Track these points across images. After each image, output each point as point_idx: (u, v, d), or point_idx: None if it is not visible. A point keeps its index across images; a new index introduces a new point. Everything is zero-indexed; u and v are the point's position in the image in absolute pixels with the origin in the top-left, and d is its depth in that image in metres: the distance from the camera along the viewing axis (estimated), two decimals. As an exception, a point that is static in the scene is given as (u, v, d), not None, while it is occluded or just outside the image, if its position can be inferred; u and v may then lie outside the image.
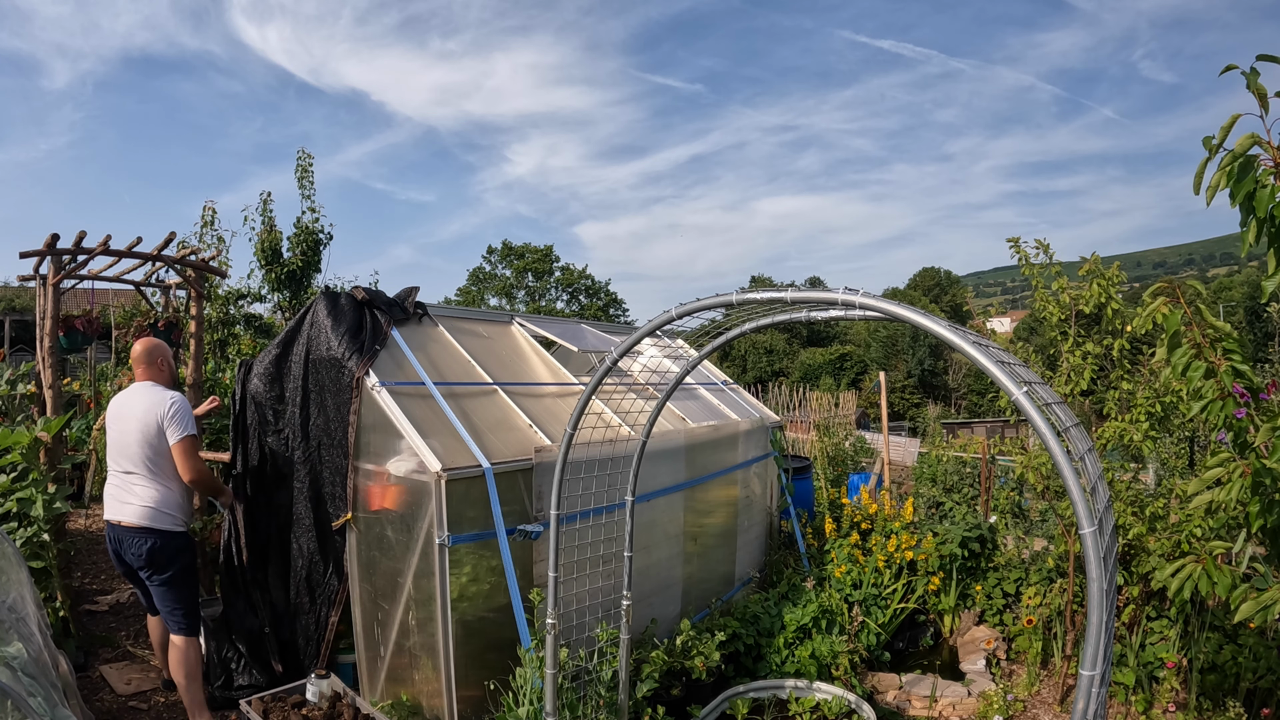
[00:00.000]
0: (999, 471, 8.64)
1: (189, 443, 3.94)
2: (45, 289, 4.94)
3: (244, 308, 9.42)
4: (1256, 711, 4.17)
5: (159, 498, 3.94)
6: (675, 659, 4.22)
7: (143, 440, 3.92)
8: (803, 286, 2.23)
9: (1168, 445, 7.57)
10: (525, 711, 3.30)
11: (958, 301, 61.12)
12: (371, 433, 4.00)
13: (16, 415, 6.22)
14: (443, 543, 3.51)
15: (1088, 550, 1.64)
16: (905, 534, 5.95)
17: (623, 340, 2.77)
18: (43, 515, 4.44)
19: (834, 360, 46.59)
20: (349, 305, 4.39)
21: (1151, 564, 4.33)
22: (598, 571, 3.79)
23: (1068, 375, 4.55)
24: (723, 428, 5.94)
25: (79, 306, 5.57)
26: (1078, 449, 2.02)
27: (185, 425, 3.94)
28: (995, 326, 55.26)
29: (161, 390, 4.05)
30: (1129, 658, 4.53)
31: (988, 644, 5.38)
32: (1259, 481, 2.65)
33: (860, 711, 4.23)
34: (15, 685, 2.49)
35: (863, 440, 12.64)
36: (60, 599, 4.67)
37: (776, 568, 6.56)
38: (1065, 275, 4.72)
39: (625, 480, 3.55)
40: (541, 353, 5.55)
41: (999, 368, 1.77)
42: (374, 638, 4.03)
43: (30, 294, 23.43)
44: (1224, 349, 2.79)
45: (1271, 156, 2.29)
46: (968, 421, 28.09)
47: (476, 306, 39.69)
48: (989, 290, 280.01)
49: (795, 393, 16.04)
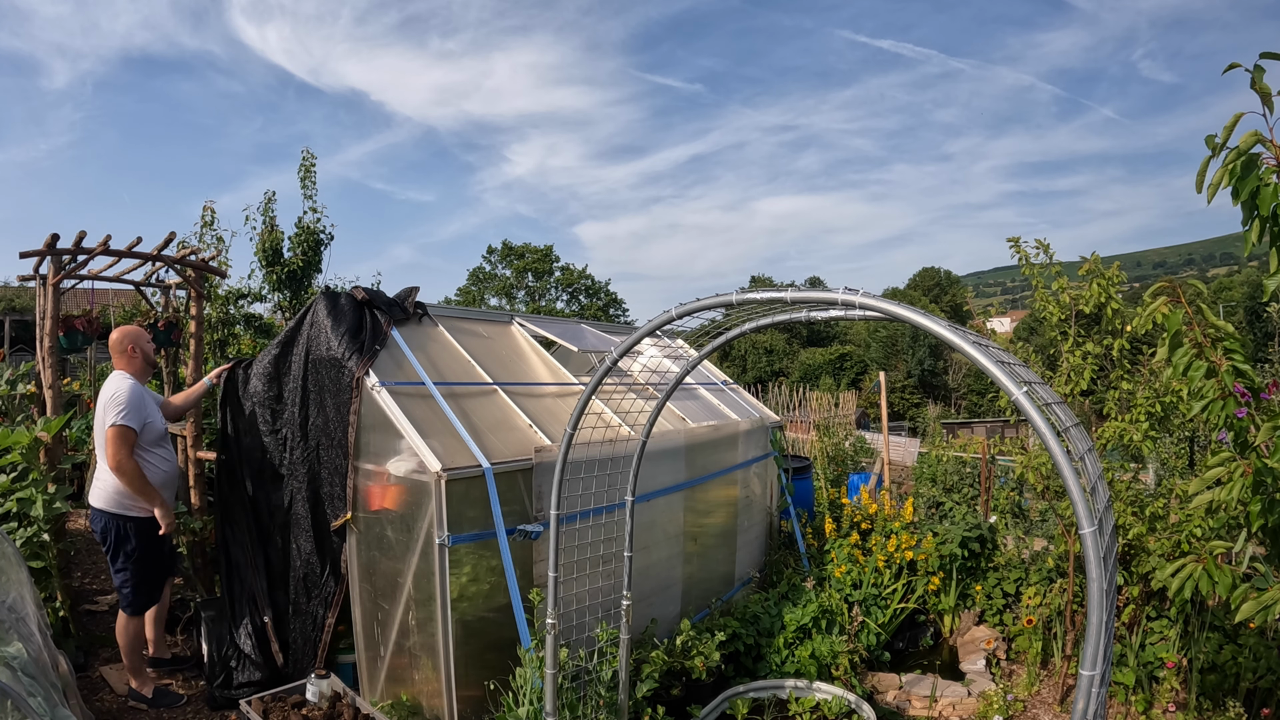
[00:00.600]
0: (999, 471, 8.64)
1: (117, 431, 4.04)
2: (45, 289, 4.93)
3: (244, 308, 9.40)
4: (1256, 711, 4.17)
5: (113, 482, 4.11)
6: (675, 659, 4.21)
7: (100, 426, 4.12)
8: (803, 286, 2.23)
9: (1168, 445, 7.56)
10: (525, 711, 3.29)
11: (958, 301, 61.15)
12: (371, 433, 4.00)
13: (16, 415, 6.22)
14: (443, 543, 3.51)
15: (1088, 550, 1.64)
16: (905, 534, 5.95)
17: (623, 340, 2.77)
18: (43, 515, 4.44)
19: (834, 360, 46.58)
20: (349, 305, 4.39)
21: (1151, 564, 4.33)
22: (598, 571, 3.79)
23: (1068, 375, 4.55)
24: (723, 428, 5.94)
25: (79, 306, 5.56)
26: (1078, 449, 2.01)
27: (121, 414, 4.05)
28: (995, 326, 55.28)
29: (122, 378, 4.21)
30: (1129, 658, 4.53)
31: (988, 644, 5.38)
32: (1260, 481, 2.64)
33: (860, 711, 4.23)
34: (15, 685, 2.49)
35: (863, 440, 12.64)
36: (60, 599, 4.67)
37: (776, 568, 6.55)
38: (1065, 275, 4.71)
39: (625, 480, 3.55)
40: (541, 353, 5.54)
41: (999, 368, 1.76)
42: (374, 638, 4.03)
43: (30, 294, 23.44)
44: (1225, 348, 2.79)
45: (1275, 155, 2.28)
46: (968, 421, 28.09)
47: (476, 306, 39.69)
48: (989, 290, 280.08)
49: (795, 393, 16.04)
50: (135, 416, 4.10)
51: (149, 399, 4.31)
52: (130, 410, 4.08)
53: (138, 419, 4.12)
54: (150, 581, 4.27)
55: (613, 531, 3.79)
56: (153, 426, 4.24)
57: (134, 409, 4.10)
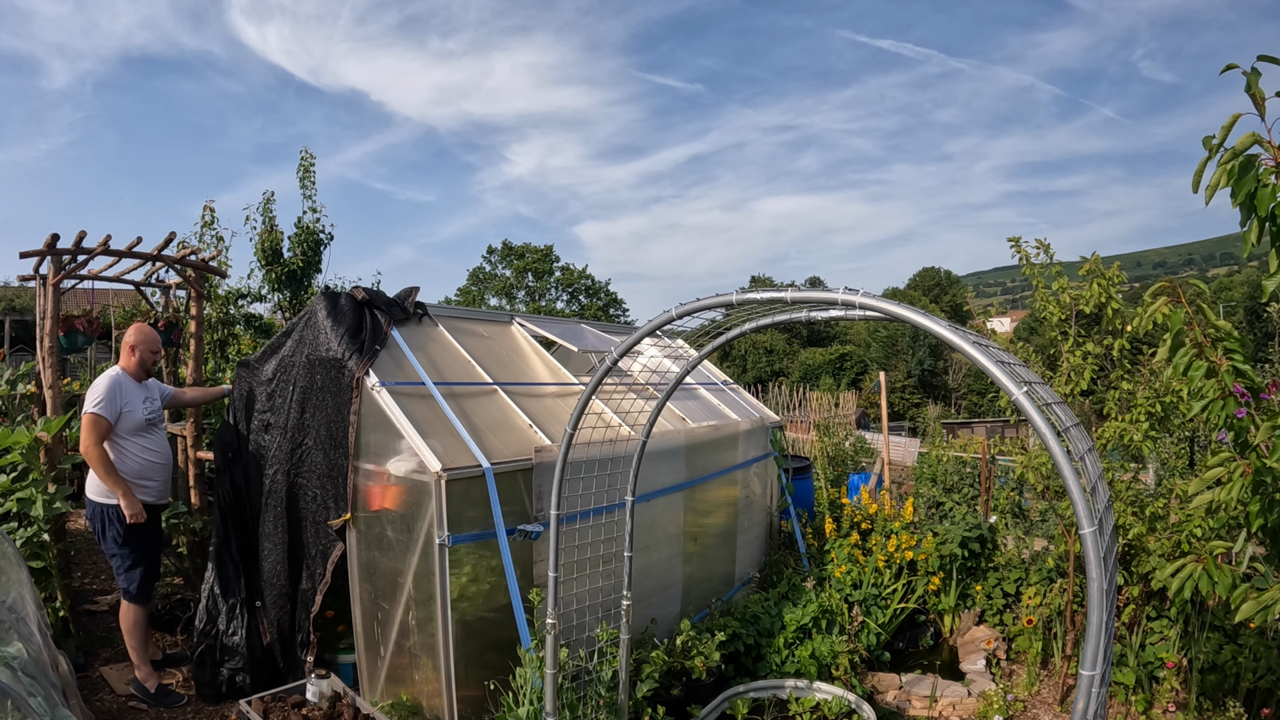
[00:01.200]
0: (999, 471, 8.64)
1: (89, 419, 4.12)
2: (45, 289, 4.93)
3: (244, 308, 9.40)
4: (1256, 711, 4.17)
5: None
6: (675, 659, 4.21)
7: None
8: (803, 286, 2.23)
9: (1168, 445, 7.57)
10: (525, 711, 3.29)
11: (958, 301, 61.12)
12: (371, 433, 4.00)
13: (16, 415, 6.22)
14: (443, 543, 3.51)
15: (1088, 550, 1.64)
16: (905, 534, 5.95)
17: (623, 340, 2.77)
18: (43, 515, 4.44)
19: (834, 360, 46.58)
20: (349, 305, 4.39)
21: (1151, 564, 4.33)
22: (598, 571, 3.79)
23: (1068, 375, 4.55)
24: (723, 428, 5.94)
25: (79, 306, 5.57)
26: (1078, 449, 2.01)
27: (95, 404, 4.14)
28: (995, 326, 55.28)
29: (110, 371, 4.32)
30: (1129, 658, 4.53)
31: (988, 644, 5.38)
32: (1259, 481, 2.65)
33: (860, 711, 4.23)
34: (15, 685, 2.49)
35: (863, 440, 12.64)
36: (60, 599, 4.67)
37: (776, 568, 6.55)
38: (1065, 275, 4.72)
39: (625, 480, 3.55)
40: (541, 353, 5.54)
41: (999, 368, 1.76)
42: (374, 638, 4.03)
43: (30, 294, 23.43)
44: (1225, 348, 2.79)
45: (1272, 155, 2.29)
46: (968, 421, 28.09)
47: (476, 306, 39.68)
48: (989, 290, 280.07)
49: (795, 393, 16.04)
50: (109, 406, 4.17)
51: (131, 389, 4.35)
52: (105, 400, 4.15)
53: (111, 409, 4.19)
54: (147, 564, 4.35)
55: (613, 531, 3.79)
56: (130, 415, 4.28)
57: (109, 399, 4.18)
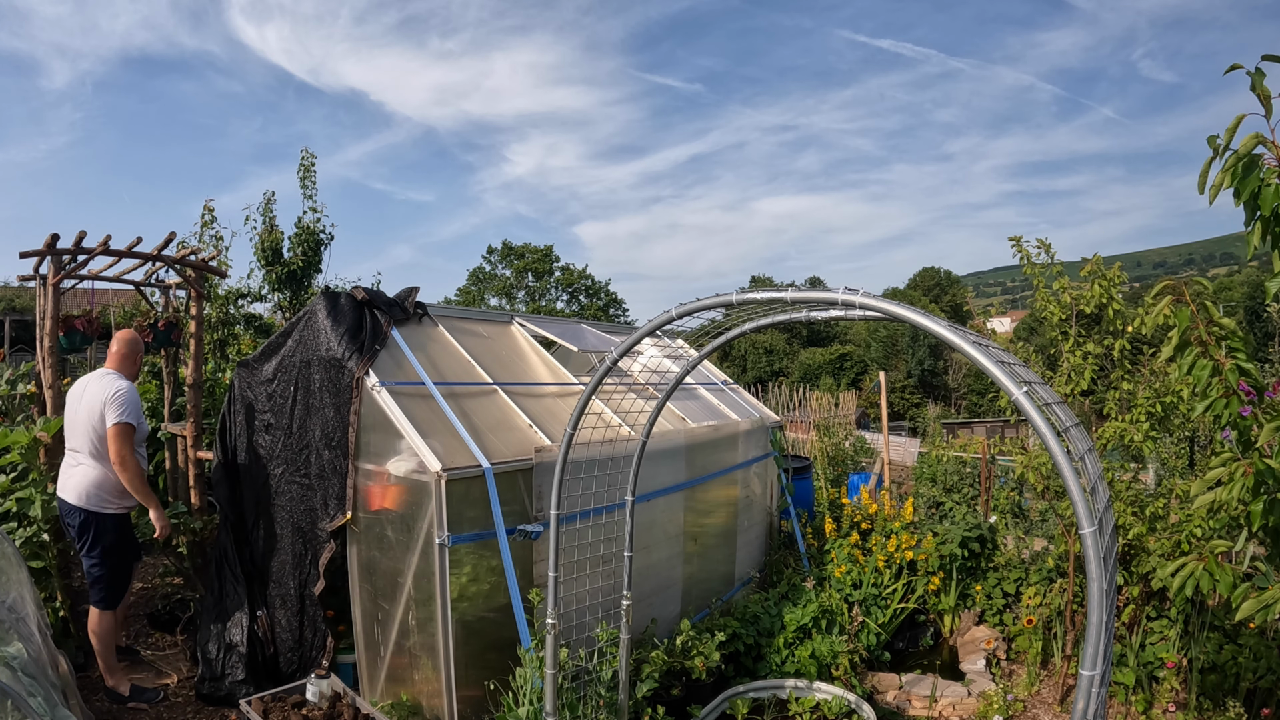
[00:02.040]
0: (999, 471, 8.64)
1: (121, 429, 4.07)
2: (45, 289, 4.93)
3: (244, 308, 9.41)
4: (1256, 711, 4.16)
5: (97, 479, 4.12)
6: (675, 659, 4.21)
7: (88, 423, 4.11)
8: (803, 286, 2.23)
9: (1168, 445, 7.57)
10: (525, 711, 3.29)
11: (958, 301, 61.13)
12: (371, 433, 3.99)
13: (16, 415, 6.21)
14: (443, 543, 3.51)
15: (1088, 550, 1.64)
16: (905, 534, 5.94)
17: (623, 340, 2.76)
18: (42, 515, 4.44)
19: (834, 360, 46.57)
20: (349, 305, 4.38)
21: (1151, 564, 4.33)
22: (598, 571, 3.79)
23: (1068, 375, 4.55)
24: (723, 428, 5.94)
25: (79, 306, 5.56)
26: (1078, 449, 2.01)
27: (123, 412, 4.08)
28: (995, 326, 55.27)
29: (116, 378, 4.23)
30: (1129, 658, 4.52)
31: (988, 644, 5.38)
32: (1261, 481, 2.64)
33: (860, 711, 4.23)
34: (15, 685, 2.49)
35: (863, 440, 12.64)
36: (60, 599, 4.67)
37: (776, 568, 6.55)
38: (1066, 275, 4.71)
39: (625, 480, 3.55)
40: (541, 353, 5.54)
41: (999, 368, 1.76)
42: (374, 638, 4.02)
43: (30, 294, 23.43)
44: (1229, 347, 2.79)
45: (1276, 156, 2.28)
46: (968, 421, 28.08)
47: (476, 306, 39.67)
48: (989, 290, 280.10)
49: (795, 393, 16.04)
50: (135, 414, 4.17)
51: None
52: (130, 408, 4.14)
53: (136, 417, 4.19)
54: (123, 574, 4.33)
55: (613, 531, 3.79)
56: (141, 428, 4.32)
57: (134, 407, 4.17)
